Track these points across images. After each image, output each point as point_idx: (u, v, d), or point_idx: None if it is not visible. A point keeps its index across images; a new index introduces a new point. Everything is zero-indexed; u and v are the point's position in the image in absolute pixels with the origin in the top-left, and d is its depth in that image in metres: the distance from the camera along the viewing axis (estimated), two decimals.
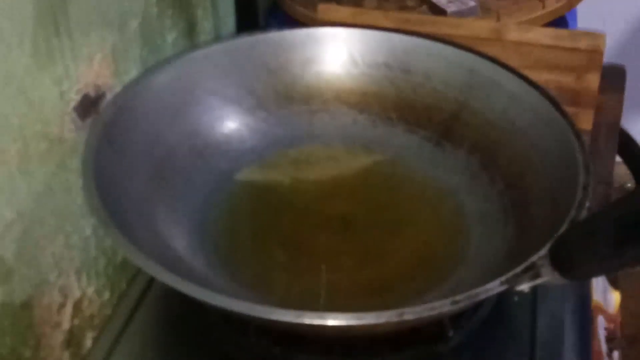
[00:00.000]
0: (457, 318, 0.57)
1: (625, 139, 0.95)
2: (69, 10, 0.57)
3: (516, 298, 0.60)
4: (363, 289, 0.60)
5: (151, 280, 0.63)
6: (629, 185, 1.11)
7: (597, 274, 0.59)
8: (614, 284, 0.75)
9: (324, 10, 0.81)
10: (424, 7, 0.89)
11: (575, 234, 0.49)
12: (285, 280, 0.60)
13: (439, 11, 0.87)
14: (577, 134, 0.59)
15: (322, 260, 0.61)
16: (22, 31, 0.52)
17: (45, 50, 0.55)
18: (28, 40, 0.53)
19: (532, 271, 0.50)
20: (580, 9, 0.95)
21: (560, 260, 0.49)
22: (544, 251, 0.50)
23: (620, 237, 0.43)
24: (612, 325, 0.71)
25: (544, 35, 0.76)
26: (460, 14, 0.86)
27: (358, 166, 0.70)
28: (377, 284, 0.60)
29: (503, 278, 0.49)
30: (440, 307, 0.48)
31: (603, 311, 0.70)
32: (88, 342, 0.64)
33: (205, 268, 0.59)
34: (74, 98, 0.59)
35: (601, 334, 0.69)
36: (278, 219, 0.65)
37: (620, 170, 1.01)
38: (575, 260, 0.48)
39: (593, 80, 0.75)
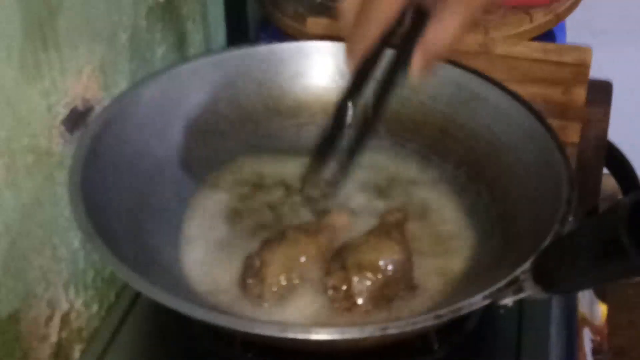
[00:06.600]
0: (442, 331, 0.57)
1: (612, 151, 0.96)
2: (57, 24, 0.57)
3: (502, 311, 0.60)
4: None
5: (138, 293, 0.63)
6: (619, 197, 1.11)
7: (578, 288, 0.59)
8: (601, 296, 0.75)
9: (313, 24, 0.82)
10: None
11: (557, 249, 0.49)
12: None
13: None
14: (562, 149, 0.59)
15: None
16: (10, 44, 0.52)
17: (32, 64, 0.55)
18: (15, 53, 0.53)
19: (515, 285, 0.50)
20: (569, 24, 0.96)
21: (542, 275, 0.49)
22: (526, 266, 0.50)
23: (600, 251, 0.44)
24: (598, 338, 0.71)
25: (531, 49, 0.77)
26: None
27: None
28: None
29: (486, 292, 0.49)
30: (423, 321, 0.48)
31: (589, 323, 0.70)
32: (76, 355, 0.64)
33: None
34: (62, 111, 0.59)
35: (587, 346, 0.69)
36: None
37: (610, 182, 1.01)
38: (557, 274, 0.49)
39: (580, 94, 0.76)
